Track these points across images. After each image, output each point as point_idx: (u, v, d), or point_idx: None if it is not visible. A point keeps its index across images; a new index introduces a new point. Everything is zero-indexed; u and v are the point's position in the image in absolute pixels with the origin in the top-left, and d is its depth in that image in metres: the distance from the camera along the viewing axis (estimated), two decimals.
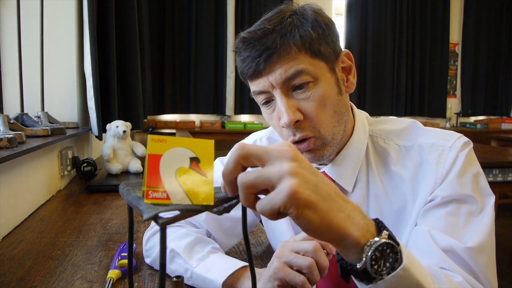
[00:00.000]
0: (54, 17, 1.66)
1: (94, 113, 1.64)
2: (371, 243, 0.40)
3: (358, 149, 0.72)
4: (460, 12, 5.38)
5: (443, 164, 0.66)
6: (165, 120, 4.43)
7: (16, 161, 0.98)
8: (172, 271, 0.70)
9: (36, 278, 0.67)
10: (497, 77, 5.54)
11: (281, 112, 0.65)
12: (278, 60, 0.63)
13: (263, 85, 0.65)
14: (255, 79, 0.66)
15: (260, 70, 0.64)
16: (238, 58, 0.68)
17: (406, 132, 0.73)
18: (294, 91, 0.65)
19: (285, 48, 0.63)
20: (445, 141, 0.68)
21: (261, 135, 0.87)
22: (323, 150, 0.68)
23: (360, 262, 0.41)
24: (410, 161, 0.70)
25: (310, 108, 0.65)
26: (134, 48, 2.03)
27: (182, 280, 0.46)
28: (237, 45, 0.68)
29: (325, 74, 0.66)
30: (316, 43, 0.64)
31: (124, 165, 1.48)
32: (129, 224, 0.41)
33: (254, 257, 0.80)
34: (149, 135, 0.37)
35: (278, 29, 0.64)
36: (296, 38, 0.63)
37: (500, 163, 2.41)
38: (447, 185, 0.65)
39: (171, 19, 4.33)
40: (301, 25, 0.64)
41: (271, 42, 0.63)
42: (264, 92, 0.67)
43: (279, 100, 0.65)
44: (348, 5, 4.87)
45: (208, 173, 0.38)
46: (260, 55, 0.63)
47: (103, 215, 1.05)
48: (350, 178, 0.72)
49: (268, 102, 0.69)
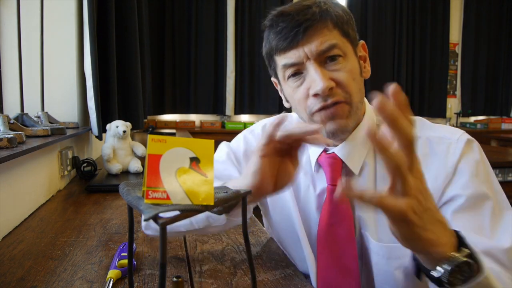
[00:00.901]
0: (54, 17, 1.66)
1: (94, 113, 1.64)
2: (450, 259, 0.44)
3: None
4: (460, 12, 5.38)
5: (452, 155, 0.68)
6: (165, 120, 4.43)
7: (16, 161, 0.98)
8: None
9: (36, 278, 0.67)
10: (497, 77, 5.54)
11: (315, 80, 0.68)
12: (315, 32, 0.67)
13: (298, 55, 0.69)
14: (290, 50, 0.69)
15: (297, 40, 0.68)
16: (271, 31, 0.71)
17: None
18: (326, 63, 0.69)
19: (323, 22, 0.68)
20: (452, 135, 0.71)
21: (270, 120, 0.88)
22: (348, 120, 0.71)
23: (436, 271, 0.45)
24: (417, 150, 0.70)
25: (342, 77, 0.69)
26: (134, 48, 2.03)
27: (182, 280, 0.46)
28: (271, 18, 0.72)
29: (351, 54, 0.72)
30: (345, 25, 0.71)
31: (124, 165, 1.48)
32: (129, 224, 0.42)
33: (254, 257, 0.80)
34: (149, 135, 0.37)
35: (316, 5, 0.69)
36: (332, 15, 0.69)
37: (500, 163, 2.41)
38: (464, 183, 0.65)
39: (171, 19, 4.33)
40: (334, 7, 0.71)
41: (311, 15, 0.68)
42: (295, 65, 0.70)
43: (313, 70, 0.68)
44: (348, 5, 4.87)
45: (208, 173, 0.38)
46: (300, 24, 0.67)
47: (103, 215, 1.05)
48: (358, 161, 0.74)
49: (295, 74, 0.71)
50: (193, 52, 4.39)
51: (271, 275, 0.70)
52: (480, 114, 5.54)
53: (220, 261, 0.76)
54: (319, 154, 0.77)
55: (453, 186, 0.66)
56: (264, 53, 0.77)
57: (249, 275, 0.69)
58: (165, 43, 4.31)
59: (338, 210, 0.74)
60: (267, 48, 0.74)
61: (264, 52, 0.77)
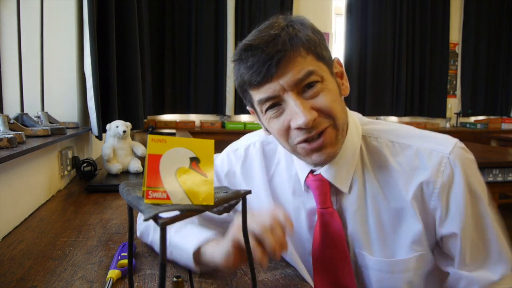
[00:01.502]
0: (54, 17, 1.66)
1: (94, 113, 1.64)
2: None
3: (352, 150, 0.73)
4: (460, 12, 5.38)
5: (441, 174, 0.67)
6: (165, 120, 4.43)
7: (16, 161, 0.98)
8: (155, 240, 0.76)
9: (36, 278, 0.67)
10: (497, 77, 5.54)
11: (296, 113, 0.64)
12: (289, 62, 0.63)
13: (273, 89, 0.65)
14: (264, 84, 0.65)
15: (271, 74, 0.63)
16: (242, 66, 0.67)
17: (398, 130, 0.75)
18: (303, 92, 0.65)
19: (295, 50, 0.64)
20: (444, 147, 0.69)
21: (254, 140, 0.87)
22: (336, 146, 0.68)
23: None
24: (406, 160, 0.70)
25: (323, 103, 0.65)
26: (134, 48, 2.03)
27: (182, 280, 0.46)
28: (239, 53, 0.67)
29: (328, 76, 0.68)
30: (318, 47, 0.66)
31: (124, 165, 1.48)
32: (129, 224, 0.42)
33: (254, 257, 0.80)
34: (149, 135, 0.37)
35: (284, 33, 0.64)
36: (303, 41, 0.64)
37: (500, 163, 2.42)
38: (458, 217, 0.68)
39: (171, 19, 4.33)
40: (303, 30, 0.66)
41: (281, 45, 0.63)
42: (272, 98, 0.66)
43: (293, 102, 0.64)
44: (348, 5, 4.87)
45: (208, 173, 0.38)
46: (272, 58, 0.63)
47: (103, 215, 1.05)
48: (346, 180, 0.72)
49: (273, 106, 0.67)
50: (193, 52, 4.39)
51: (271, 275, 0.70)
52: (480, 114, 5.54)
53: None
54: (306, 175, 0.75)
55: (447, 223, 0.69)
56: (237, 86, 0.72)
57: (249, 275, 0.69)
58: (165, 43, 4.31)
59: (330, 232, 0.74)
60: (239, 81, 0.69)
61: (237, 85, 0.72)
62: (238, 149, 0.88)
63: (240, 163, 0.86)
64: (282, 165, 0.82)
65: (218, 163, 0.89)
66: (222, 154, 0.90)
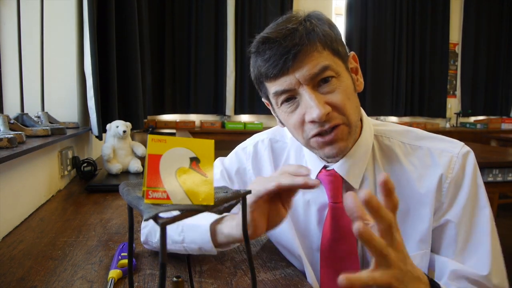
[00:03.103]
0: (54, 17, 1.66)
1: (94, 113, 1.64)
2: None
3: (365, 148, 0.75)
4: (460, 12, 5.38)
5: (452, 171, 0.71)
6: (165, 120, 4.43)
7: (16, 161, 0.98)
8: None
9: (36, 278, 0.67)
10: (497, 77, 5.54)
11: (311, 107, 0.65)
12: (305, 56, 0.65)
13: (289, 82, 0.66)
14: (280, 77, 0.66)
15: (287, 67, 0.65)
16: (259, 58, 0.68)
17: (408, 132, 0.78)
18: (319, 87, 0.67)
19: (312, 45, 0.65)
20: (452, 148, 0.73)
21: (262, 137, 0.88)
22: (348, 141, 0.70)
23: None
24: (419, 160, 0.74)
25: (337, 100, 0.67)
26: (134, 48, 2.03)
27: (182, 280, 0.46)
28: (257, 46, 0.68)
29: (344, 72, 0.69)
30: (334, 42, 0.68)
31: (124, 165, 1.48)
32: (129, 224, 0.42)
33: (254, 257, 0.80)
34: (149, 135, 0.37)
35: (302, 27, 0.66)
36: (320, 35, 0.66)
37: (500, 163, 2.41)
38: (461, 207, 0.71)
39: (171, 19, 4.33)
40: (320, 25, 0.67)
41: (299, 39, 0.64)
42: (288, 91, 0.67)
43: (307, 96, 0.66)
44: (348, 5, 4.87)
45: (208, 173, 0.38)
46: (289, 51, 0.64)
47: (103, 215, 1.05)
48: (358, 176, 0.74)
49: (289, 100, 0.69)
50: (193, 52, 4.39)
51: (271, 275, 0.70)
52: (480, 114, 5.54)
53: (220, 261, 0.76)
54: (319, 170, 0.76)
55: (447, 213, 0.71)
56: (253, 78, 0.73)
57: (249, 275, 0.69)
58: (165, 43, 4.31)
59: (340, 226, 0.74)
60: (255, 73, 0.71)
61: (253, 77, 0.73)
62: (246, 147, 0.89)
63: (251, 159, 0.87)
64: (291, 161, 0.83)
65: (227, 162, 0.90)
66: (231, 153, 0.91)
